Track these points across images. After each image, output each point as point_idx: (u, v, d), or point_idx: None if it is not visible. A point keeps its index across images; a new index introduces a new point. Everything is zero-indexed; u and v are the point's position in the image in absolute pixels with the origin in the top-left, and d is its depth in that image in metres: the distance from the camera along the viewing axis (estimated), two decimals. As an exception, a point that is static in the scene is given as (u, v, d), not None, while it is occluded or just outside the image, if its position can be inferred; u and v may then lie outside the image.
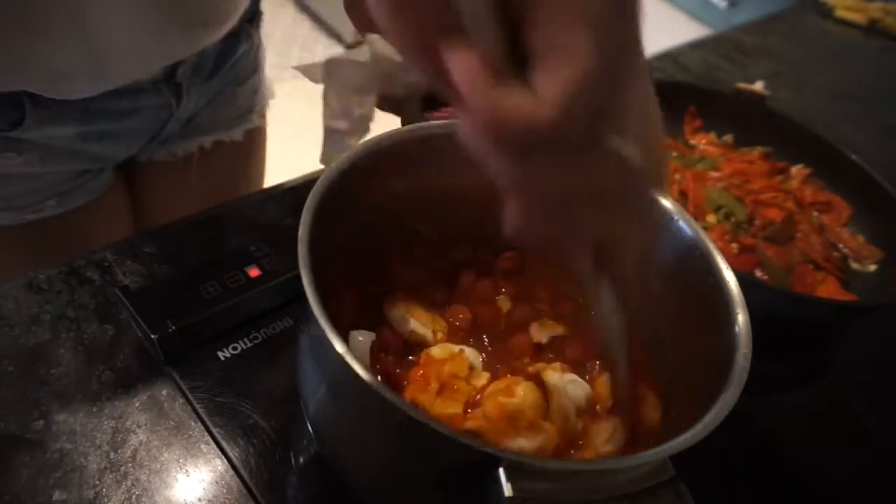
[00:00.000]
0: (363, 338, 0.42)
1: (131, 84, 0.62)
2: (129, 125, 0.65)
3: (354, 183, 0.41)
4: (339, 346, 0.32)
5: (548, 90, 0.20)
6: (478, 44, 0.20)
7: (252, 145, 0.83)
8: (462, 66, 0.20)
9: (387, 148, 0.43)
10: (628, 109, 0.23)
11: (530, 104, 0.20)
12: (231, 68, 0.73)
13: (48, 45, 0.52)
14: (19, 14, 0.50)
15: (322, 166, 0.42)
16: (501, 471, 0.29)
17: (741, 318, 0.38)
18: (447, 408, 0.40)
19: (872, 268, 0.75)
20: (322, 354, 0.37)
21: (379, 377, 0.42)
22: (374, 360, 0.43)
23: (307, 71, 0.43)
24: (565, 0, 0.20)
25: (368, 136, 0.43)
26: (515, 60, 0.21)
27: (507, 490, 0.29)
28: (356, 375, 0.31)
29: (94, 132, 0.62)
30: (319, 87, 0.42)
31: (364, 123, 0.52)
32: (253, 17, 0.74)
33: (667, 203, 0.45)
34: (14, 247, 0.66)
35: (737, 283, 0.40)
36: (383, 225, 0.46)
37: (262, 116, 0.83)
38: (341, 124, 0.49)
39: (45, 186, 0.64)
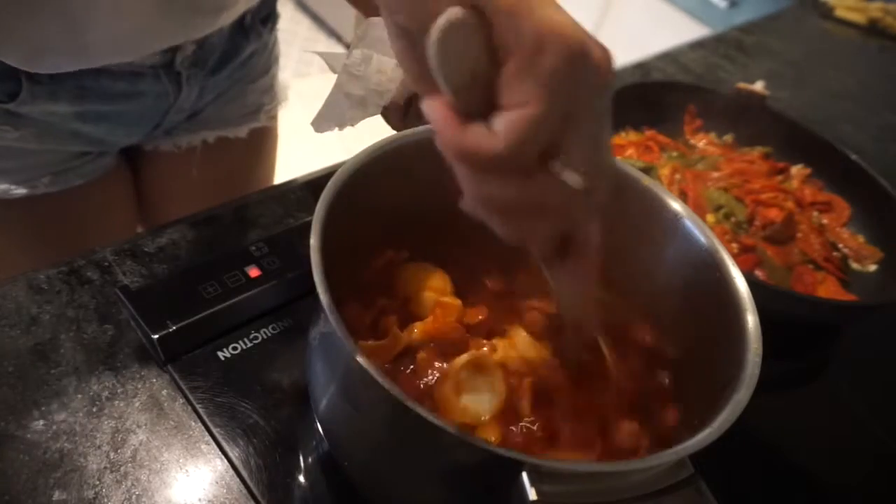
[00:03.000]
0: None
1: (128, 66, 0.62)
2: (127, 108, 0.65)
3: (365, 186, 0.42)
4: (353, 347, 0.32)
5: (501, 128, 0.27)
6: (449, 96, 0.28)
7: (258, 145, 0.83)
8: (433, 111, 0.29)
9: (393, 151, 0.43)
10: (576, 144, 0.29)
11: (485, 138, 0.28)
12: (241, 66, 0.73)
13: (28, 20, 0.52)
14: None
15: (320, 161, 0.43)
16: (525, 475, 0.30)
17: (751, 318, 0.38)
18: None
19: (872, 268, 0.75)
20: (333, 354, 0.37)
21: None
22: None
23: (328, 58, 0.43)
24: (523, 67, 0.27)
25: (374, 141, 0.43)
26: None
27: (532, 494, 0.29)
28: (374, 381, 0.31)
29: (91, 112, 0.62)
30: (316, 89, 0.43)
31: (375, 100, 0.52)
32: (267, 18, 0.74)
33: (675, 205, 0.45)
34: (6, 223, 0.66)
35: (745, 284, 0.40)
36: (391, 226, 0.46)
37: (272, 118, 0.83)
38: (355, 89, 0.50)
39: (41, 164, 0.64)
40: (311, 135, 0.55)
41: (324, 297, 0.34)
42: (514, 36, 0.27)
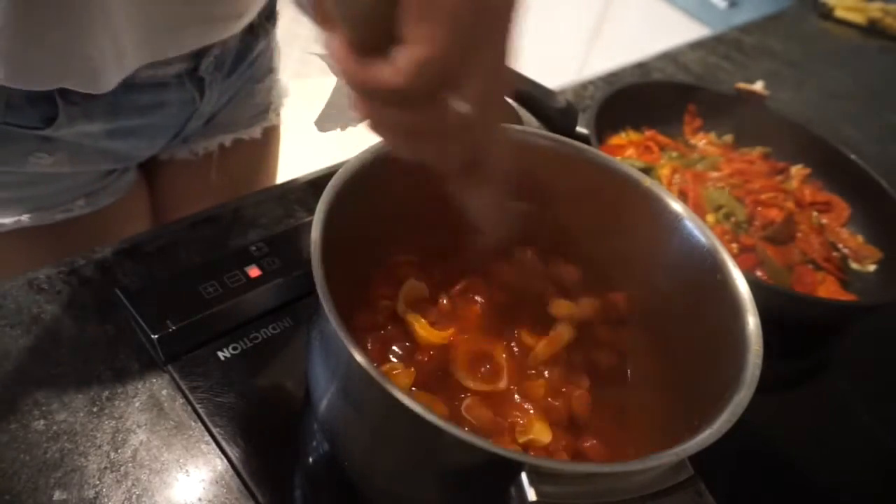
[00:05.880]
0: None
1: (153, 77, 0.62)
2: (154, 121, 0.65)
3: (367, 185, 0.42)
4: (353, 349, 0.32)
5: (401, 65, 0.29)
6: (348, 32, 0.30)
7: (269, 143, 0.84)
8: (333, 48, 0.30)
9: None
10: (474, 77, 0.30)
11: (387, 73, 0.29)
12: (250, 66, 0.73)
13: (84, 40, 0.52)
14: (63, 13, 0.50)
15: (320, 160, 0.43)
16: (524, 475, 0.30)
17: (751, 319, 0.38)
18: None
19: (872, 268, 0.76)
20: (333, 355, 0.37)
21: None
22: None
23: (329, 59, 0.43)
24: (422, 5, 0.28)
25: (375, 140, 0.43)
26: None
27: (532, 495, 0.29)
28: (374, 381, 0.31)
29: (121, 129, 0.63)
30: (316, 90, 0.43)
31: None
32: (270, 14, 0.75)
33: (676, 206, 0.45)
34: (41, 247, 0.66)
35: (746, 285, 0.40)
36: (394, 226, 0.46)
37: (278, 115, 0.84)
38: None
39: (74, 187, 0.64)
40: (311, 135, 0.55)
41: (324, 296, 0.34)
42: None
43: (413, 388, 0.43)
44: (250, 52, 0.72)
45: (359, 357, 0.32)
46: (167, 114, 0.66)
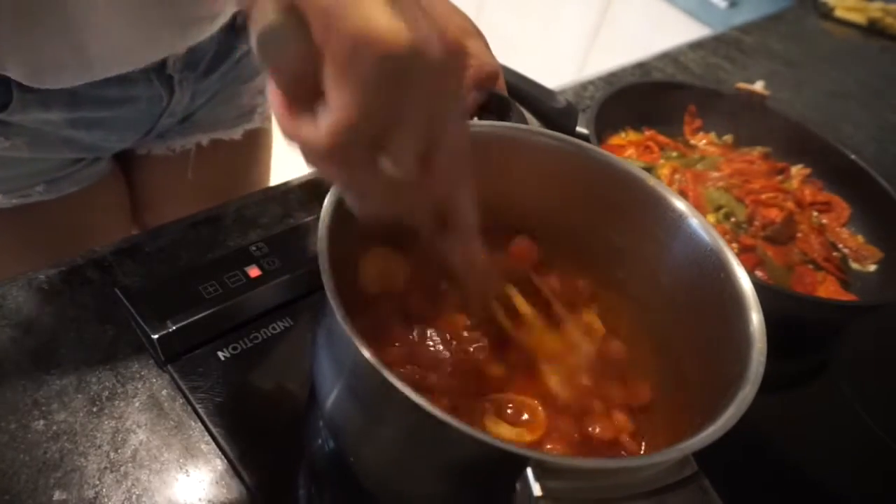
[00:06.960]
0: None
1: (121, 73, 0.62)
2: (119, 114, 0.65)
3: None
4: (360, 345, 0.32)
5: (321, 126, 0.29)
6: (279, 86, 0.31)
7: (253, 146, 0.83)
8: (272, 99, 0.31)
9: None
10: (402, 142, 0.30)
11: (310, 132, 0.30)
12: (234, 66, 0.73)
13: (33, 37, 0.52)
14: (2, 6, 0.50)
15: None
16: (529, 471, 0.30)
17: (755, 316, 0.38)
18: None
19: (872, 268, 0.75)
20: (340, 351, 0.37)
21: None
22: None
23: None
24: (337, 71, 0.28)
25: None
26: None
27: (537, 490, 0.29)
28: (381, 376, 0.31)
29: (84, 119, 0.62)
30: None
31: None
32: None
33: (680, 204, 0.45)
34: (1, 231, 0.66)
35: (750, 283, 0.40)
36: (397, 227, 0.46)
37: (267, 118, 0.83)
38: None
39: (35, 172, 0.64)
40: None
41: (331, 292, 0.34)
42: (328, 38, 0.28)
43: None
44: (233, 52, 0.71)
45: (366, 353, 0.32)
46: (135, 108, 0.65)
